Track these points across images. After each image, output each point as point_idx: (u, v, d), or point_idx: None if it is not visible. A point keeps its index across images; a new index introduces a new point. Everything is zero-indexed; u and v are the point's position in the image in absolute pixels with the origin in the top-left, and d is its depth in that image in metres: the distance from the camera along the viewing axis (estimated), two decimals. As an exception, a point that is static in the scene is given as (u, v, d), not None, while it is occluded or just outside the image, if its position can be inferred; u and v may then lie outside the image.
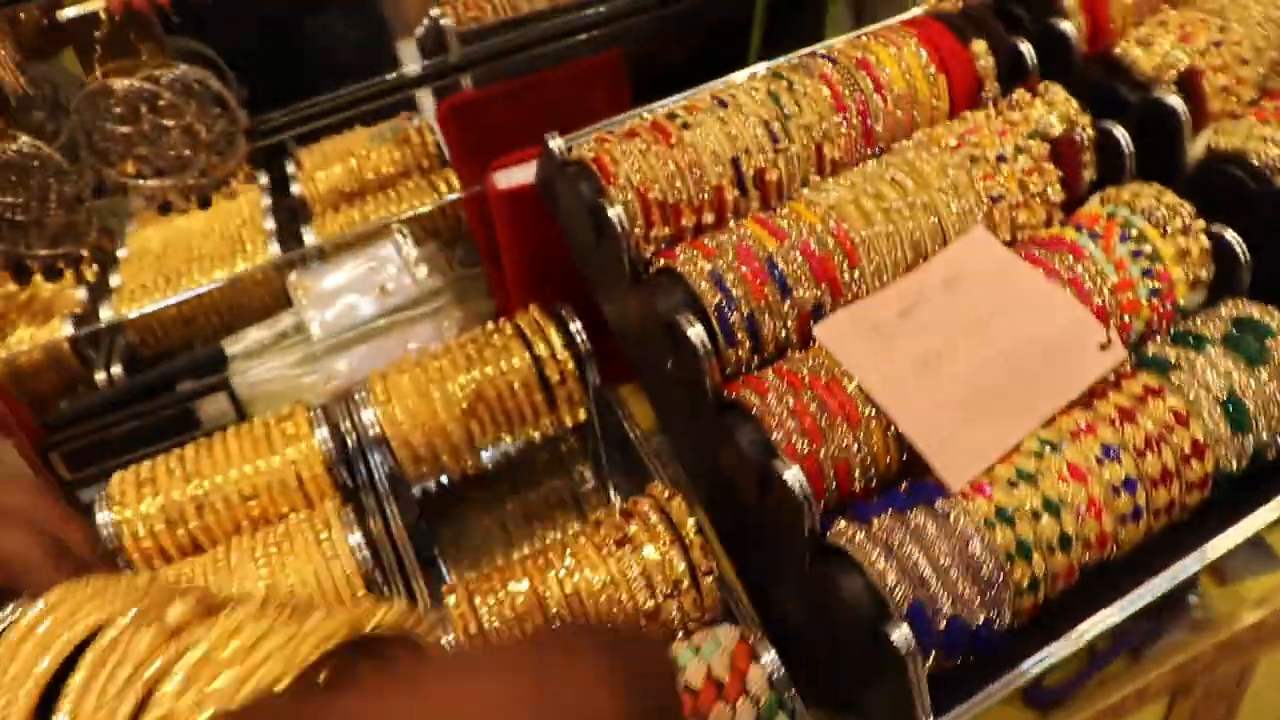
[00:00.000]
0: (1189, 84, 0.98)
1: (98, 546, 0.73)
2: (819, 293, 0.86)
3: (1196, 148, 0.97)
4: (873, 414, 0.80)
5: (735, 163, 0.91)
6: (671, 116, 0.93)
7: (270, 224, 1.25)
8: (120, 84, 0.87)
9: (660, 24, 1.19)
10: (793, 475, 0.75)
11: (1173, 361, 0.84)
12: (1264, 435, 0.83)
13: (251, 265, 1.15)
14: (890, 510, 0.77)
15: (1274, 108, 0.97)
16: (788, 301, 0.85)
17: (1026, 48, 0.99)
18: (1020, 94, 0.96)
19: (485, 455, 1.03)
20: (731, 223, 0.90)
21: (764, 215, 0.89)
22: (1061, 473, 0.77)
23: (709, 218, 0.91)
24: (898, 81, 0.96)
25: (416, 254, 1.20)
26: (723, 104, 0.93)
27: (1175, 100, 0.95)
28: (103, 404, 1.07)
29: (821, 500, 0.79)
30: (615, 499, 1.04)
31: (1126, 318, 0.87)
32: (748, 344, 0.85)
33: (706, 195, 0.90)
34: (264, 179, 1.40)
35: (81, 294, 1.19)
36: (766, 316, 0.85)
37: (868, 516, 0.77)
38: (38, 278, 0.97)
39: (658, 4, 1.16)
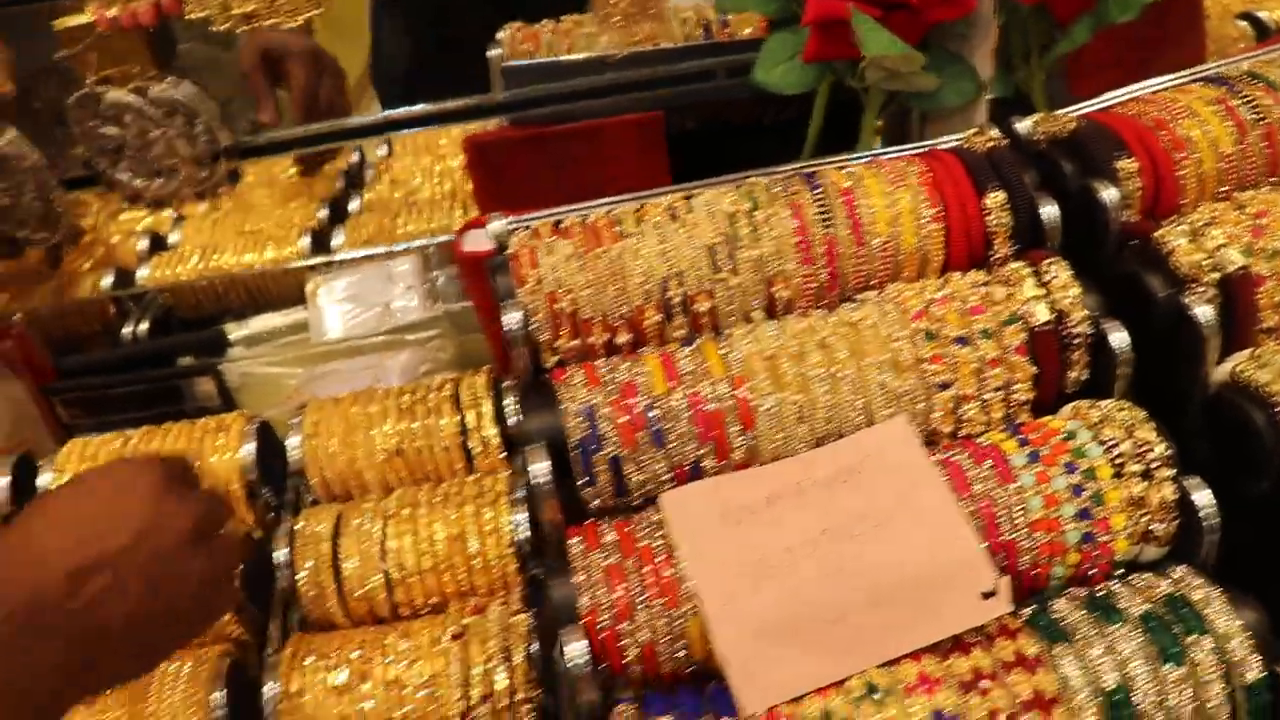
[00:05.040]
0: (1234, 290, 0.82)
1: None
2: (701, 452, 0.79)
3: (1223, 369, 0.82)
4: (693, 602, 0.73)
5: (664, 285, 0.84)
6: (616, 221, 0.87)
7: (324, 213, 1.28)
8: (108, 94, 0.92)
9: (721, 94, 1.12)
10: (573, 651, 0.71)
11: (1069, 631, 0.72)
12: (1156, 744, 0.71)
13: (273, 261, 1.19)
14: (679, 711, 0.71)
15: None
16: (661, 453, 0.79)
17: (1048, 210, 0.86)
18: (1015, 268, 0.84)
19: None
20: (639, 352, 0.84)
21: (671, 351, 0.83)
22: (872, 729, 0.69)
23: (624, 338, 0.85)
24: (881, 224, 0.86)
25: (435, 274, 1.20)
26: (673, 216, 0.87)
27: (1203, 309, 0.80)
28: (107, 363, 1.15)
29: (620, 674, 0.75)
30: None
31: (1043, 561, 0.75)
32: (610, 489, 0.80)
33: (624, 314, 0.85)
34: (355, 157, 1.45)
35: (144, 245, 1.27)
36: (633, 465, 0.79)
37: (653, 710, 0.72)
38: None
39: (713, 73, 1.09)
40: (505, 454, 0.98)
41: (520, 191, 1.12)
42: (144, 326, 1.23)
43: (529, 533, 0.90)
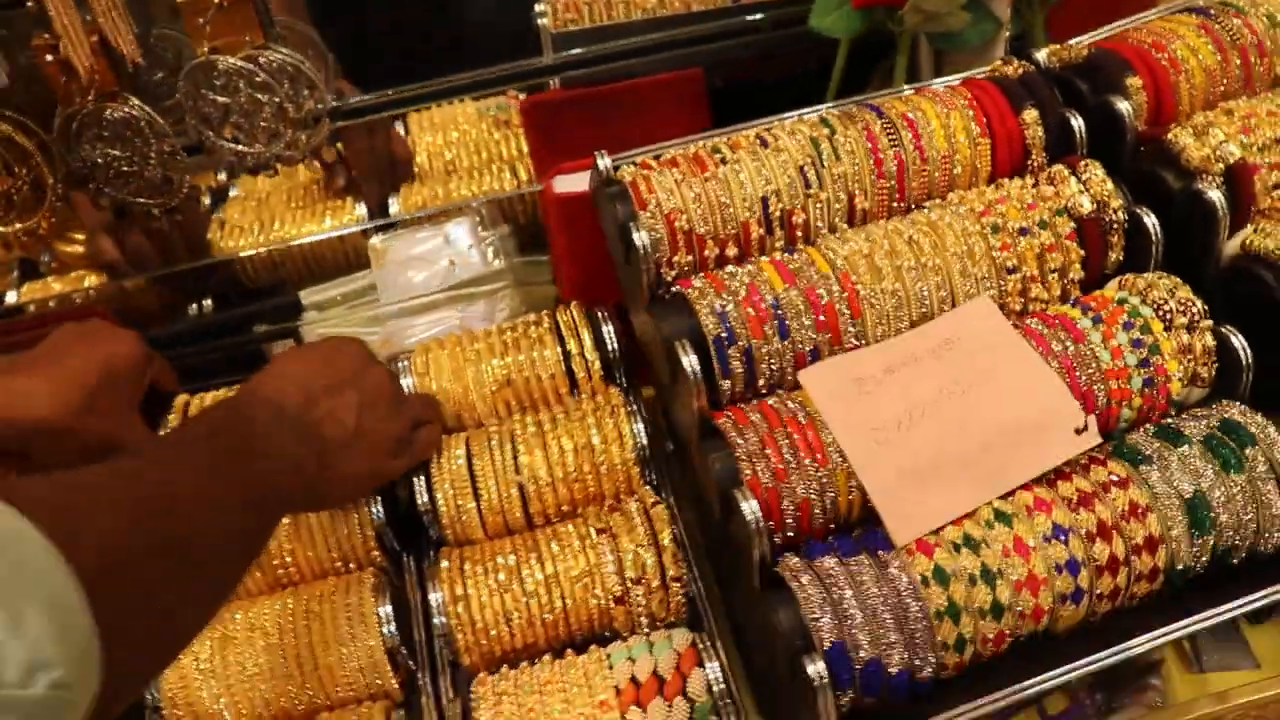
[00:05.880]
0: (1236, 178, 0.98)
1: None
2: (818, 339, 0.91)
3: (1233, 244, 0.98)
4: (841, 461, 0.85)
5: (764, 202, 0.96)
6: (714, 150, 0.99)
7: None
8: (223, 61, 0.99)
9: (747, 51, 1.24)
10: (749, 508, 0.82)
11: (1147, 454, 0.87)
12: (1229, 540, 0.86)
13: (334, 228, 1.26)
14: (837, 552, 0.83)
15: (1321, 214, 0.97)
16: (786, 343, 0.91)
17: (1077, 122, 1.01)
18: (1058, 169, 0.98)
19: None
20: (750, 260, 0.96)
21: (781, 257, 0.94)
22: (1006, 545, 0.82)
23: (732, 251, 0.97)
24: (939, 141, 1.00)
25: (489, 235, 1.29)
26: (764, 143, 0.99)
27: (1215, 194, 0.95)
28: (185, 334, 1.20)
29: (779, 532, 0.86)
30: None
31: (1115, 404, 0.90)
32: (743, 377, 0.91)
33: (732, 230, 0.96)
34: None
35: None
36: (763, 354, 0.91)
37: (815, 555, 0.83)
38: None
39: (745, 30, 1.21)
40: (606, 378, 1.08)
41: (573, 147, 1.21)
42: (209, 302, 1.28)
43: (647, 439, 1.01)
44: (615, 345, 1.07)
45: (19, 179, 1.02)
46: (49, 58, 1.00)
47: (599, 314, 1.09)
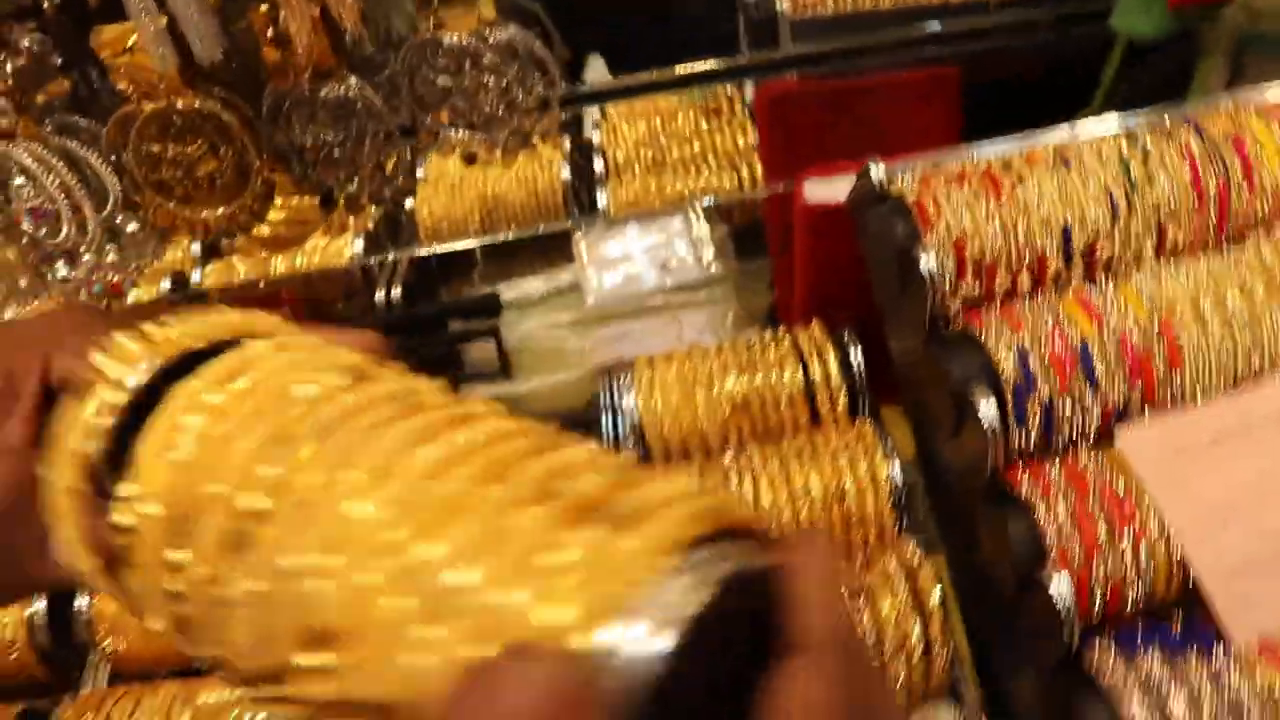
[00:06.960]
0: None
1: None
2: (1129, 392, 0.79)
3: None
4: (1161, 539, 0.74)
5: (1066, 232, 0.84)
6: (1006, 167, 0.87)
7: (566, 174, 1.27)
8: (448, 39, 0.90)
9: (1006, 48, 1.12)
10: (1059, 587, 0.71)
11: None
12: None
13: (544, 227, 1.17)
14: (1159, 649, 0.72)
15: None
16: (1094, 395, 0.79)
17: None
18: None
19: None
20: (1047, 294, 0.84)
21: (1086, 293, 0.83)
22: (1370, 659, 0.69)
23: (1025, 282, 0.85)
24: (1273, 167, 0.86)
25: (706, 235, 1.19)
26: (1065, 162, 0.87)
27: None
28: (373, 329, 1.12)
29: (1083, 616, 0.75)
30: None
31: None
32: (1038, 431, 0.80)
33: (1028, 259, 0.85)
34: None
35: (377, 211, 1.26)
36: (1067, 407, 0.79)
37: (1132, 647, 0.72)
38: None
39: (1005, 28, 1.08)
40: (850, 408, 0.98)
41: (811, 145, 1.11)
42: (396, 292, 1.21)
43: (903, 484, 0.90)
44: (863, 372, 0.97)
45: (223, 160, 0.95)
46: (268, 31, 0.92)
47: (845, 336, 0.99)
